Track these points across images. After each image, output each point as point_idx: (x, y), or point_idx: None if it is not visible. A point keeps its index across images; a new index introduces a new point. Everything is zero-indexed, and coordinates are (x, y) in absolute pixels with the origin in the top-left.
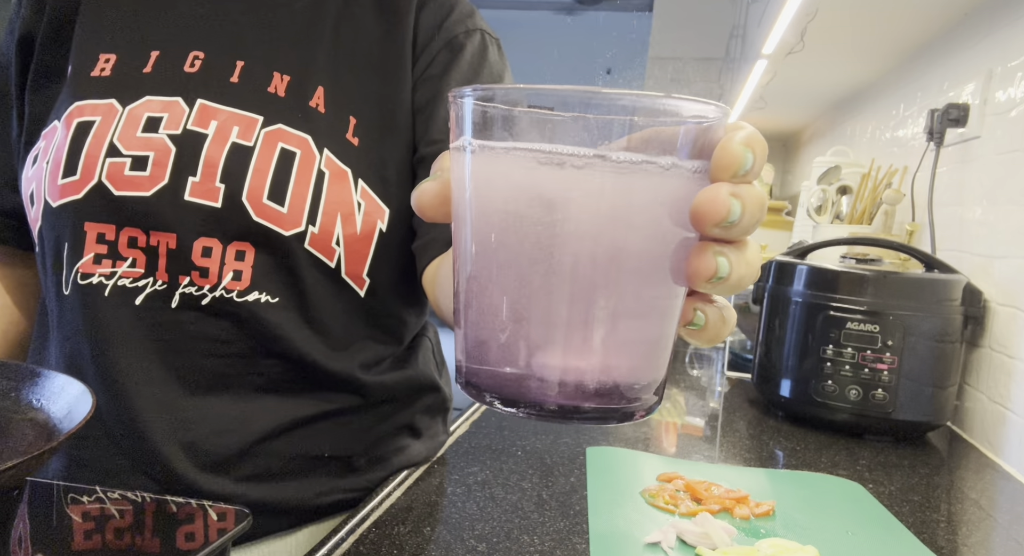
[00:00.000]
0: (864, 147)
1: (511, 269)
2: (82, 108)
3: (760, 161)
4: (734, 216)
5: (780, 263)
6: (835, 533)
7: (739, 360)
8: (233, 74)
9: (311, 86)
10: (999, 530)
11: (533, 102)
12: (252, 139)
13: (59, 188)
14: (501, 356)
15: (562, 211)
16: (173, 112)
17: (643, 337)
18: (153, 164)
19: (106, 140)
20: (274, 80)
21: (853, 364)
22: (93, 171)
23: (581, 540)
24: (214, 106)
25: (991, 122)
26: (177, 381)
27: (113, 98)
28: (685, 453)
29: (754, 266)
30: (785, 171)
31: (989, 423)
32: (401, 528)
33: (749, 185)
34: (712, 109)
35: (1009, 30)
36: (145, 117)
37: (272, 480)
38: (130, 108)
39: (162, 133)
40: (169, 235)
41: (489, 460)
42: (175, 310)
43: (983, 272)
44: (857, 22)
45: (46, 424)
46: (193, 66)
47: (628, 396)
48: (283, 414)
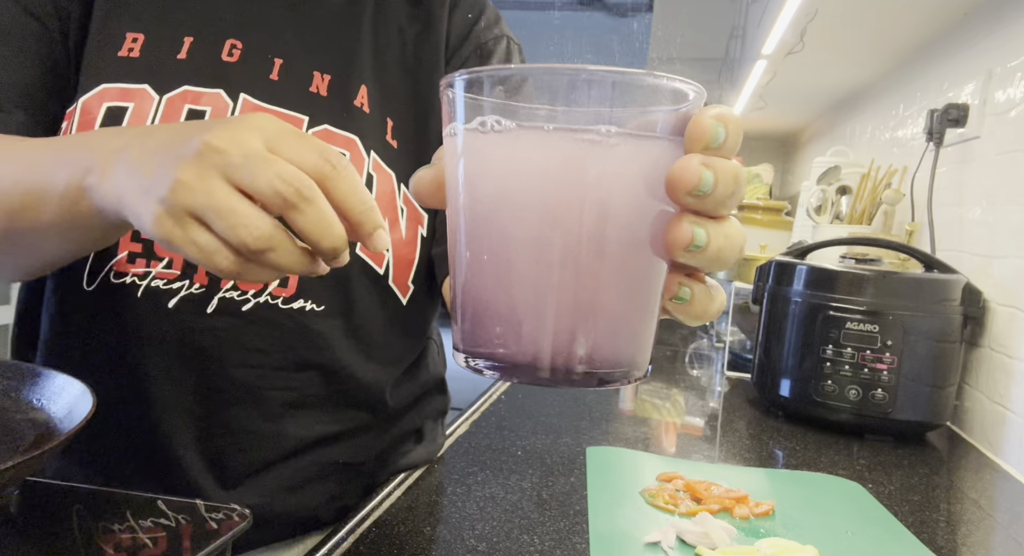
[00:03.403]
0: (864, 147)
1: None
2: (110, 92)
3: (734, 137)
4: (706, 185)
5: (780, 263)
6: (835, 533)
7: (739, 360)
8: (272, 71)
9: (354, 85)
10: (998, 529)
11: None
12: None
13: None
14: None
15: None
16: (216, 106)
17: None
18: None
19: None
20: (315, 79)
21: (853, 364)
22: None
23: (581, 540)
24: (257, 102)
25: (990, 122)
26: (206, 390)
27: (146, 84)
28: (685, 453)
29: (734, 240)
30: (785, 171)
31: (988, 423)
32: (401, 528)
33: (723, 158)
34: (689, 88)
35: (1008, 30)
36: (186, 109)
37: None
38: (168, 97)
39: None
40: None
41: (489, 460)
42: (211, 316)
43: (982, 272)
44: (857, 22)
45: (47, 424)
46: (232, 56)
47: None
48: (309, 432)
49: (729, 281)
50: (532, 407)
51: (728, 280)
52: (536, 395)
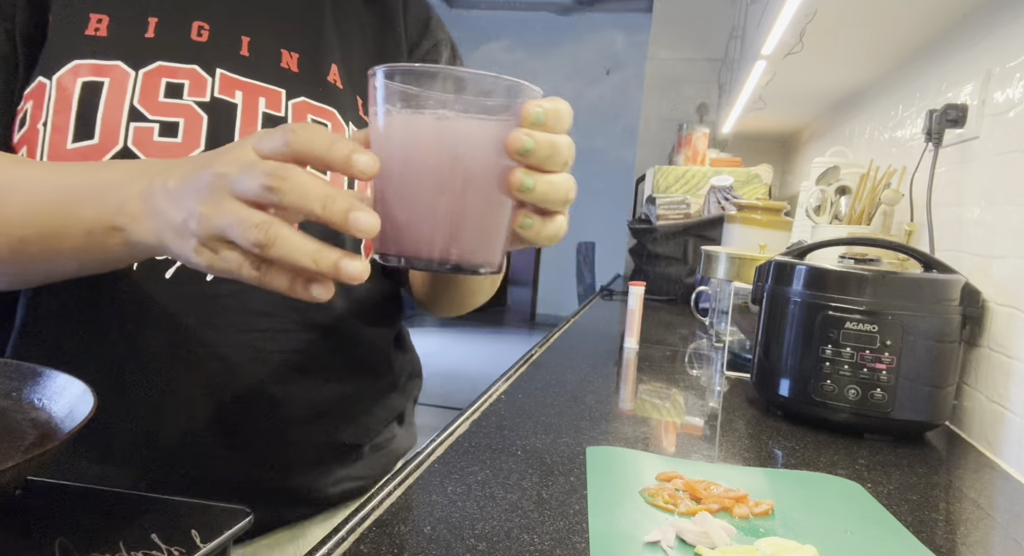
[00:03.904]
0: (863, 148)
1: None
2: (83, 67)
3: (553, 118)
4: (527, 147)
5: (779, 263)
6: (834, 532)
7: (738, 360)
8: (242, 48)
9: (325, 63)
10: (998, 529)
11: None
12: (281, 110)
13: (69, 152)
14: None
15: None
16: (194, 79)
17: (484, 225)
18: (185, 131)
19: (125, 103)
20: (284, 57)
21: (852, 364)
22: (116, 135)
23: (581, 539)
24: (234, 76)
25: (989, 123)
26: (213, 357)
27: (119, 60)
28: (684, 452)
29: (557, 186)
30: (784, 171)
31: (988, 423)
32: (401, 527)
33: (545, 132)
34: (525, 86)
35: (1008, 31)
36: (164, 82)
37: (294, 469)
38: (144, 72)
39: (188, 100)
40: None
41: (489, 459)
42: (211, 283)
43: (981, 272)
44: (856, 23)
45: (47, 423)
46: (201, 36)
47: (476, 260)
48: (317, 396)
49: (729, 281)
50: (532, 407)
51: (728, 280)
52: (536, 395)
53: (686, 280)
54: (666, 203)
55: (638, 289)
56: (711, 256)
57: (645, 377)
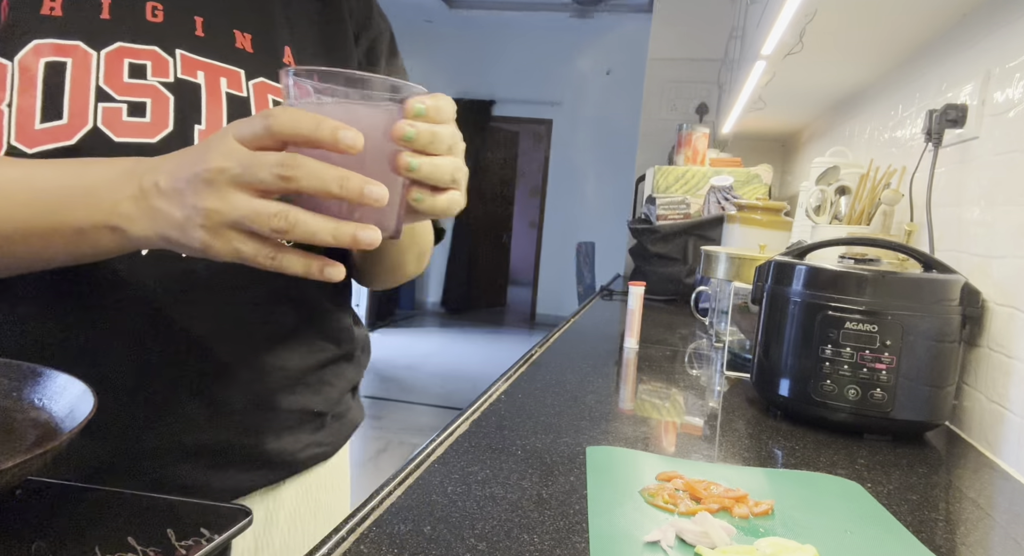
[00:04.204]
0: (863, 148)
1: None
2: (43, 47)
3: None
4: (409, 135)
5: (779, 263)
6: (834, 532)
7: (738, 360)
8: (197, 29)
9: (279, 45)
10: (997, 529)
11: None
12: (243, 90)
13: (37, 133)
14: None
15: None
16: (156, 60)
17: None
18: (152, 111)
19: (91, 83)
20: (237, 37)
21: (852, 364)
22: (85, 115)
23: (581, 539)
24: (194, 57)
25: (989, 123)
26: (190, 330)
27: (79, 40)
28: (684, 452)
29: (440, 166)
30: (784, 172)
31: (987, 422)
32: (401, 527)
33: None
34: (408, 85)
35: (1007, 31)
36: (127, 63)
37: (269, 434)
38: (105, 53)
39: (152, 80)
40: None
41: (489, 459)
42: (186, 259)
43: (981, 272)
44: (856, 23)
45: (48, 423)
46: (156, 16)
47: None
48: (289, 363)
49: (728, 281)
50: (532, 407)
51: (727, 280)
52: (536, 395)
53: (686, 280)
54: (666, 203)
55: (638, 289)
56: (711, 256)
57: (645, 377)
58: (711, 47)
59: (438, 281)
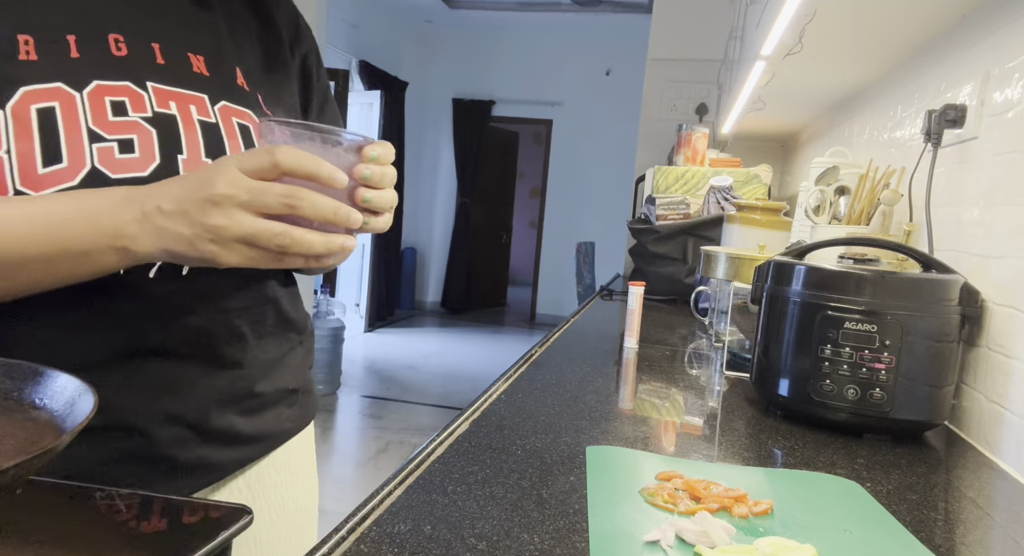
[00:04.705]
0: (862, 148)
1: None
2: (31, 94)
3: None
4: (366, 176)
5: (778, 263)
6: (833, 531)
7: (737, 360)
8: (157, 56)
9: (230, 65)
10: (996, 528)
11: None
12: (211, 116)
13: (41, 177)
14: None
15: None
16: (132, 96)
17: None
18: (140, 146)
19: (81, 126)
20: (192, 61)
21: (851, 363)
22: (82, 158)
23: (581, 538)
24: (163, 87)
25: (988, 123)
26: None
27: (59, 82)
28: (684, 452)
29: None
30: (783, 172)
31: (987, 422)
32: (402, 526)
33: (379, 165)
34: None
35: (1007, 31)
36: (108, 101)
37: (262, 412)
38: (87, 93)
39: (133, 116)
40: None
41: (489, 459)
42: (187, 277)
43: (980, 272)
44: (855, 23)
45: (48, 423)
46: (120, 50)
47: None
48: (268, 355)
49: (728, 281)
50: (532, 407)
51: (727, 280)
52: (536, 395)
53: (686, 280)
54: (666, 203)
55: (638, 289)
56: (710, 256)
57: (645, 377)
58: (711, 47)
59: (438, 281)
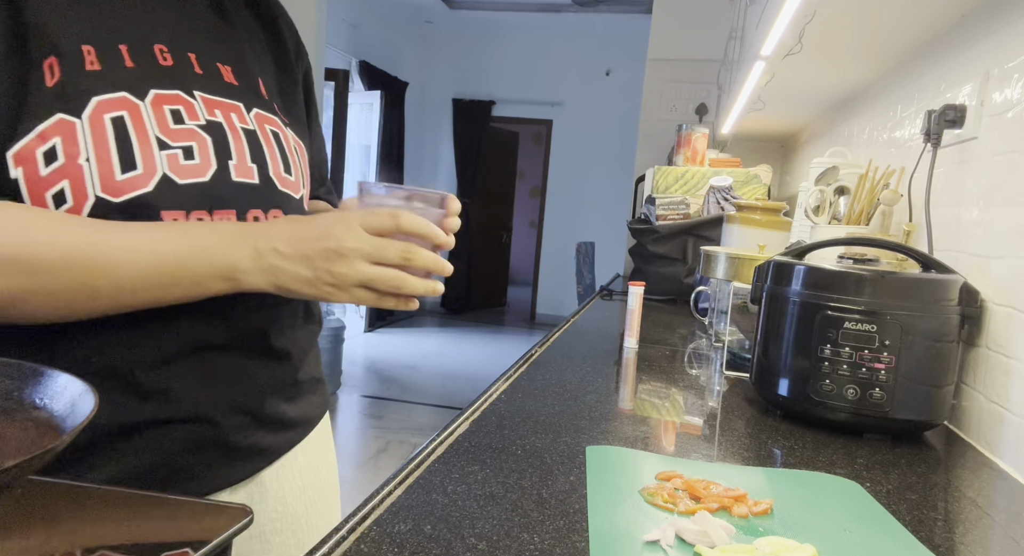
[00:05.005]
0: (862, 148)
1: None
2: (104, 103)
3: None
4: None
5: (778, 263)
6: (833, 531)
7: (737, 359)
8: (195, 66)
9: (253, 77)
10: (996, 528)
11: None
12: (249, 123)
13: (120, 184)
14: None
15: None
16: (185, 105)
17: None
18: (199, 153)
19: (150, 134)
20: (222, 71)
21: (851, 363)
22: (154, 164)
23: (580, 538)
24: (207, 96)
25: (988, 123)
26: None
27: (123, 92)
28: (684, 452)
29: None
30: (783, 172)
31: (986, 422)
32: (402, 526)
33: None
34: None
35: (1006, 32)
36: (167, 109)
37: (299, 398)
38: (148, 102)
39: (190, 124)
40: (229, 212)
41: (489, 459)
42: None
43: (980, 272)
44: (855, 24)
45: (49, 423)
46: (166, 60)
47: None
48: (299, 347)
49: (728, 281)
50: (532, 407)
51: (727, 280)
52: (536, 395)
53: (685, 280)
54: (665, 203)
55: (638, 289)
56: (710, 256)
57: (645, 377)
58: (711, 47)
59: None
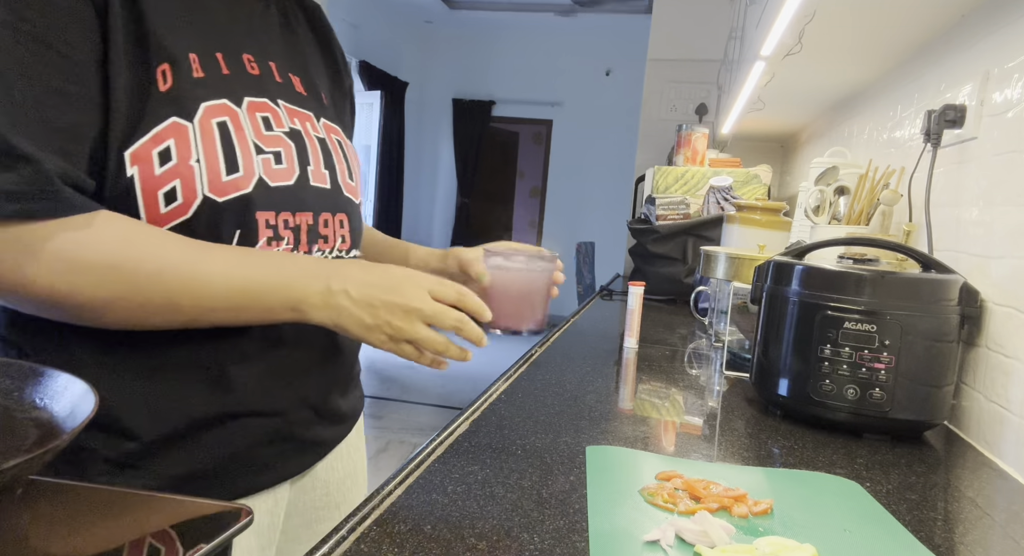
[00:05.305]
0: (861, 148)
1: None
2: (211, 109)
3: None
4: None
5: (778, 263)
6: (833, 531)
7: (737, 359)
8: (275, 75)
9: (317, 88)
10: (995, 528)
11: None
12: (320, 132)
13: (224, 185)
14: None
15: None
16: (272, 113)
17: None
18: (286, 158)
19: (248, 140)
20: (294, 81)
21: (851, 363)
22: (252, 168)
23: (580, 538)
24: (288, 105)
25: (988, 123)
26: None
27: (224, 98)
28: (684, 452)
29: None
30: (783, 172)
31: (986, 422)
32: (402, 526)
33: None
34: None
35: (1006, 32)
36: (259, 116)
37: (349, 393)
38: (244, 108)
39: (277, 131)
40: (307, 214)
41: (489, 459)
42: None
43: (980, 272)
44: (855, 24)
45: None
46: (254, 69)
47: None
48: (352, 343)
49: (728, 281)
50: (532, 406)
51: (727, 280)
52: (536, 395)
53: (685, 280)
54: (665, 203)
55: (638, 289)
56: (710, 256)
57: (645, 377)
58: (711, 47)
59: None
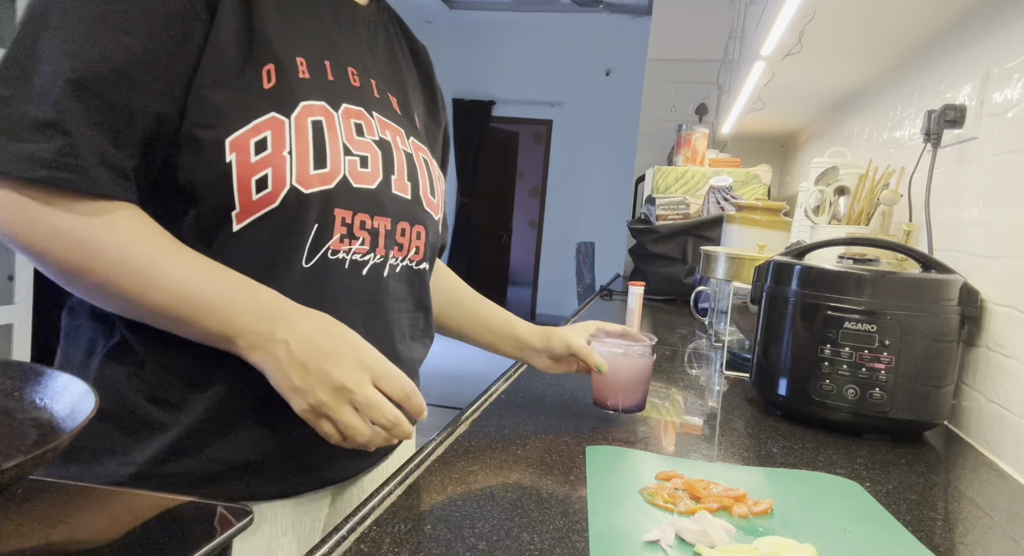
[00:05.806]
0: (861, 148)
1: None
2: (308, 108)
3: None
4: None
5: (778, 263)
6: (833, 531)
7: (737, 359)
8: (374, 91)
9: (412, 111)
10: (995, 528)
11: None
12: (408, 147)
13: (311, 178)
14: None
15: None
16: (366, 121)
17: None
18: (371, 164)
19: (339, 140)
20: (391, 100)
21: (851, 363)
22: (339, 166)
23: (580, 538)
24: (381, 118)
25: (988, 123)
26: (384, 333)
27: (323, 101)
28: (684, 452)
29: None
30: (783, 172)
31: (986, 422)
32: (402, 526)
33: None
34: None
35: (1006, 32)
36: (352, 123)
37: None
38: (340, 113)
39: (367, 138)
40: (385, 219)
41: (489, 459)
42: (386, 278)
43: (980, 272)
44: (855, 24)
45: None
46: (355, 81)
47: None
48: (415, 354)
49: (728, 281)
50: (532, 407)
51: (727, 280)
52: (536, 395)
53: (685, 280)
54: (665, 203)
55: (638, 289)
56: (710, 256)
57: None
58: (711, 48)
59: None
